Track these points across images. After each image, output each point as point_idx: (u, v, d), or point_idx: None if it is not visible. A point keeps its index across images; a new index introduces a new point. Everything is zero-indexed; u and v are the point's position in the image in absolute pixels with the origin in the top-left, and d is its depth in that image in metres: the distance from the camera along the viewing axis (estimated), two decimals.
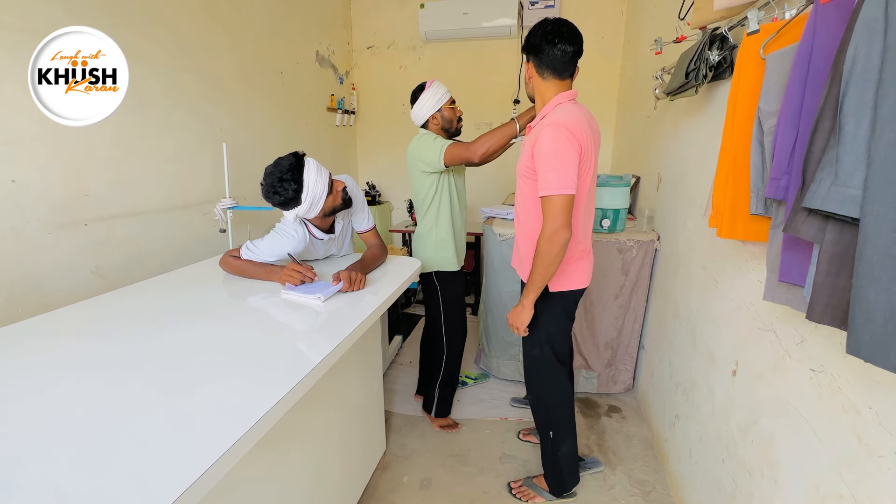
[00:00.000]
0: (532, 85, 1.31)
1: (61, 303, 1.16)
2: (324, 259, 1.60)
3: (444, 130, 1.71)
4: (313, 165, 1.30)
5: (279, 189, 1.26)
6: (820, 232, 0.65)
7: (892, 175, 0.52)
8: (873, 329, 0.53)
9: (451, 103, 1.69)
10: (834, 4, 0.69)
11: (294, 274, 1.23)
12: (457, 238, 1.78)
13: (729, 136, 1.00)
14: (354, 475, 1.50)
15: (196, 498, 0.55)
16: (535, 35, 1.23)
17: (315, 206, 1.31)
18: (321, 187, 1.30)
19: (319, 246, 1.51)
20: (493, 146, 1.54)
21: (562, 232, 1.15)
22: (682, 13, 1.53)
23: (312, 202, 1.30)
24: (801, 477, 0.90)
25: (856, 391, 0.77)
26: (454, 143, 1.58)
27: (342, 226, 1.54)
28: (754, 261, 1.12)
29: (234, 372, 0.83)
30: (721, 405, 1.27)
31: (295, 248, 1.36)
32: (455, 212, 1.76)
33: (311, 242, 1.45)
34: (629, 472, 1.69)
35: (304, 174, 1.27)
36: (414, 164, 1.68)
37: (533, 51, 1.24)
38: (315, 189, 1.28)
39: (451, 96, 1.69)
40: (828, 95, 0.62)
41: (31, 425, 0.67)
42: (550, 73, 1.25)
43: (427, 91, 1.66)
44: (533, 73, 1.27)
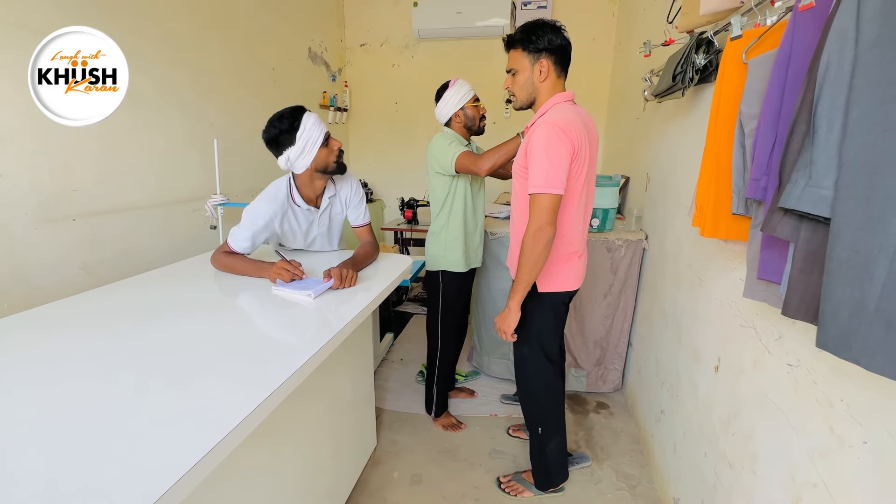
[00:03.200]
0: (535, 86, 1.27)
1: (48, 298, 1.15)
2: (314, 255, 1.60)
3: (466, 129, 1.72)
4: (313, 115, 1.33)
5: (276, 123, 1.29)
6: (795, 231, 0.67)
7: (860, 177, 0.55)
8: (839, 323, 0.56)
9: (475, 101, 1.71)
10: (811, 13, 0.72)
11: (283, 272, 1.23)
12: (468, 240, 1.78)
13: (712, 138, 1.03)
14: (345, 471, 1.51)
15: (186, 491, 0.56)
16: (553, 34, 1.22)
17: (308, 151, 1.31)
18: (317, 134, 1.31)
19: (302, 219, 1.46)
20: (499, 161, 1.56)
21: (546, 229, 1.16)
22: (670, 17, 1.56)
23: (306, 145, 1.30)
24: (778, 467, 0.93)
25: (829, 384, 0.80)
26: (466, 153, 1.59)
27: (329, 207, 1.50)
28: (737, 260, 1.15)
29: (225, 367, 0.83)
30: (704, 400, 1.30)
31: (273, 212, 1.36)
32: (468, 214, 1.76)
33: (293, 212, 1.43)
34: (616, 467, 1.72)
35: (303, 117, 1.30)
36: (430, 163, 1.71)
37: (555, 51, 1.23)
38: (311, 132, 1.30)
39: (475, 94, 1.70)
40: (803, 100, 0.65)
41: (19, 420, 0.67)
42: (561, 71, 1.27)
43: (450, 89, 1.67)
44: (549, 73, 1.25)
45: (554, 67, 1.25)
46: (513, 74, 1.30)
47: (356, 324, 1.09)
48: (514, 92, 1.32)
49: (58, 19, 1.43)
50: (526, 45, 1.24)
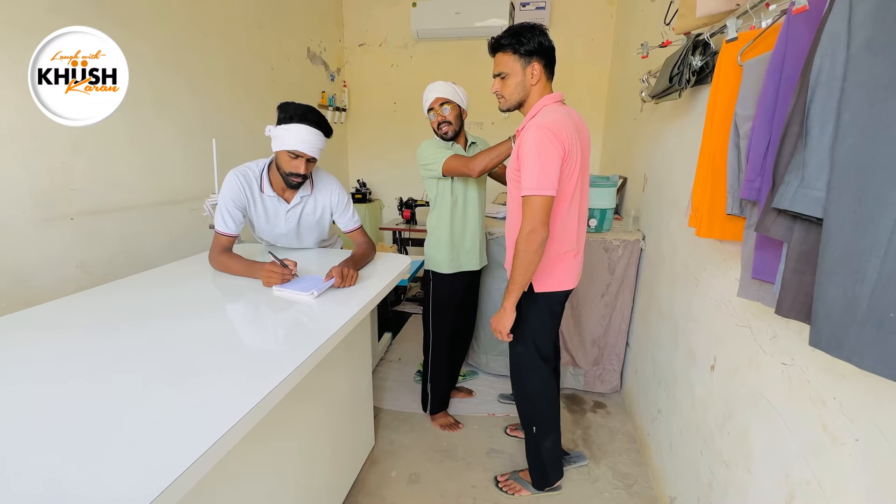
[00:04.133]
0: (527, 89, 1.29)
1: (46, 297, 1.15)
2: (314, 254, 1.60)
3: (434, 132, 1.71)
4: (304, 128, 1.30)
5: (293, 102, 1.34)
6: (788, 231, 0.68)
7: (851, 178, 0.56)
8: (832, 322, 0.56)
9: (430, 110, 1.66)
10: (804, 16, 0.73)
11: (271, 275, 1.22)
12: (455, 242, 1.77)
13: (708, 139, 1.04)
14: (343, 470, 1.51)
15: (184, 489, 0.56)
16: (543, 37, 1.24)
17: (275, 141, 1.33)
18: (287, 142, 1.30)
19: (269, 207, 1.46)
20: (490, 163, 1.56)
21: (539, 231, 1.17)
22: (667, 19, 1.58)
23: (278, 137, 1.32)
24: (772, 466, 0.94)
25: (822, 383, 0.81)
26: (454, 157, 1.59)
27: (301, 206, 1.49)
28: (732, 260, 1.16)
29: (223, 366, 0.83)
30: (700, 399, 1.31)
31: (240, 183, 1.39)
32: (457, 217, 1.74)
33: (259, 198, 1.44)
34: (613, 466, 1.73)
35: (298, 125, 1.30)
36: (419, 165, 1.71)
37: (545, 53, 1.26)
38: (285, 136, 1.30)
39: (435, 98, 1.63)
40: (796, 102, 0.66)
41: (17, 419, 0.67)
42: (550, 73, 1.29)
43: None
44: (541, 76, 1.27)
45: (544, 70, 1.27)
46: (502, 78, 1.30)
47: (354, 323, 1.09)
48: (504, 95, 1.32)
49: (54, 18, 1.43)
50: (516, 48, 1.25)
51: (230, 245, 1.41)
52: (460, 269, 1.80)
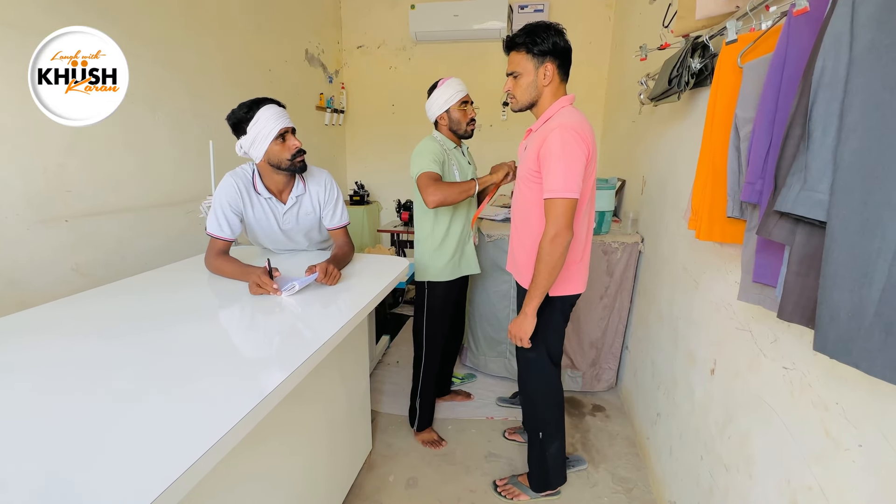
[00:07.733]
0: (539, 89, 1.25)
1: (40, 300, 1.14)
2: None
3: (452, 132, 1.65)
4: (273, 109, 1.30)
5: (236, 110, 1.31)
6: (790, 234, 0.68)
7: (856, 181, 0.55)
8: (838, 327, 0.56)
9: (462, 104, 1.60)
10: (805, 18, 0.73)
11: (254, 287, 1.19)
12: (461, 245, 1.71)
13: (708, 142, 1.03)
14: (340, 474, 1.49)
15: (181, 493, 0.55)
16: (558, 38, 1.21)
17: (258, 143, 1.30)
18: (269, 128, 1.28)
19: (267, 209, 1.43)
20: (449, 200, 1.49)
21: (564, 234, 1.15)
22: (666, 21, 1.57)
23: (257, 137, 1.29)
24: (774, 471, 0.93)
25: (824, 387, 0.80)
26: (428, 175, 1.51)
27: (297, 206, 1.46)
28: (732, 263, 1.16)
29: (219, 370, 0.82)
30: (700, 403, 1.30)
31: (237, 186, 1.37)
32: (457, 221, 1.68)
33: (254, 198, 1.40)
34: (612, 470, 1.72)
35: (260, 109, 1.28)
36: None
37: (560, 54, 1.22)
38: (263, 125, 1.28)
39: (464, 96, 1.61)
40: (798, 104, 0.65)
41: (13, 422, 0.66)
42: (564, 75, 1.26)
43: (438, 89, 1.60)
44: (553, 77, 1.24)
45: (558, 71, 1.24)
46: (514, 77, 1.26)
47: (352, 326, 1.08)
48: (516, 95, 1.28)
49: (49, 19, 1.42)
50: (530, 47, 1.22)
51: (226, 249, 1.39)
52: (461, 273, 1.75)
